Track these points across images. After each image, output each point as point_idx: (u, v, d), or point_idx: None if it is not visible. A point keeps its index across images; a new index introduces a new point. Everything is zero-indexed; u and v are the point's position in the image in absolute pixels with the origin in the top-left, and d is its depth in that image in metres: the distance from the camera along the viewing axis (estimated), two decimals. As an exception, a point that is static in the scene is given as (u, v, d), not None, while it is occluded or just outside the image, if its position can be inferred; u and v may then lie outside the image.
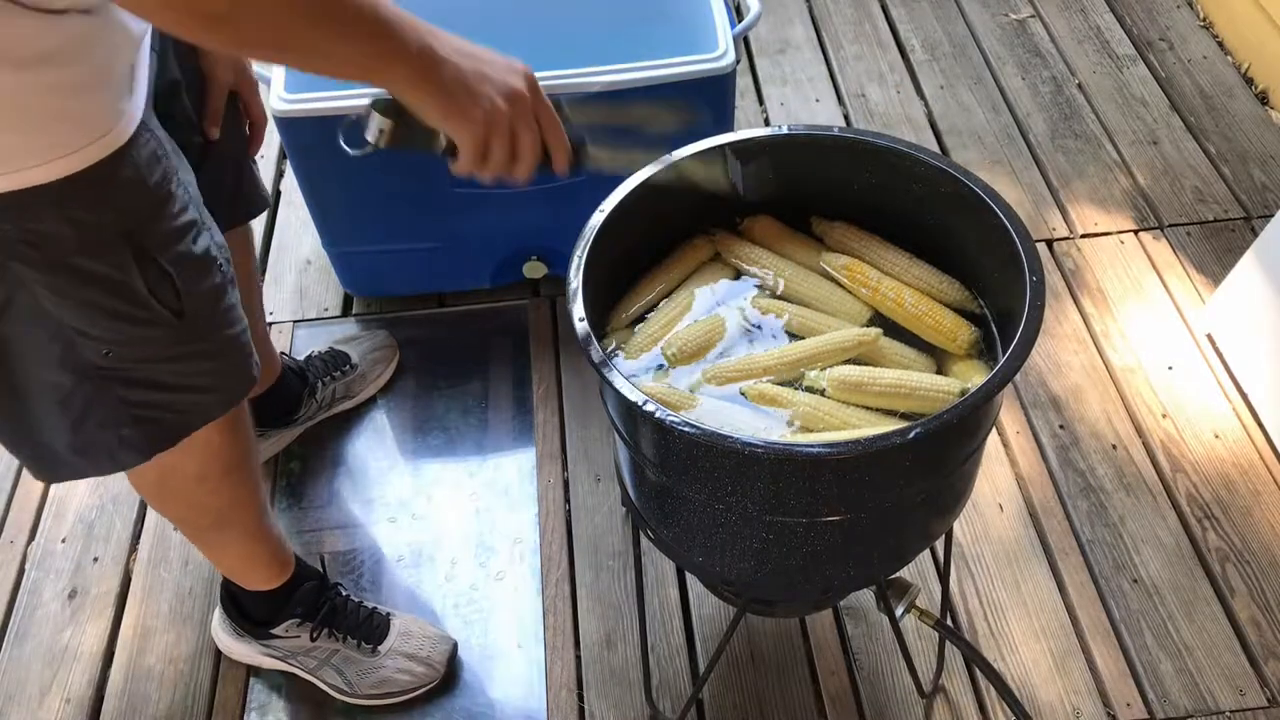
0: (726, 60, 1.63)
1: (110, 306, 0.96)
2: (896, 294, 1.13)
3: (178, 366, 1.05)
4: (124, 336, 0.99)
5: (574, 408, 1.84)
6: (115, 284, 0.95)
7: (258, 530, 1.37)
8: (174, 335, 1.02)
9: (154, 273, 0.97)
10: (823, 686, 1.50)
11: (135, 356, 1.02)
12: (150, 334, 1.01)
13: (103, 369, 1.01)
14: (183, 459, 1.16)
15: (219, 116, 1.25)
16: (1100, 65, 2.41)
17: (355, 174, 1.75)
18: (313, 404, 1.77)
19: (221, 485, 1.26)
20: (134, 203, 0.94)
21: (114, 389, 1.03)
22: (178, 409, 1.09)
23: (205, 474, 1.23)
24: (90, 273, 0.94)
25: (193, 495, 1.26)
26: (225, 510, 1.30)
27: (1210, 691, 1.48)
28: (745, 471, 0.94)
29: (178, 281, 0.99)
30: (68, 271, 0.93)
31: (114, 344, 0.99)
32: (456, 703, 1.51)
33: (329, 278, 2.05)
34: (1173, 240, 2.04)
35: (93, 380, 1.01)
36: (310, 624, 1.47)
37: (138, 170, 0.93)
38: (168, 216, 0.98)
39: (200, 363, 1.07)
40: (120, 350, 1.00)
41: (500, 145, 0.92)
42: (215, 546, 1.39)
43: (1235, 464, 1.71)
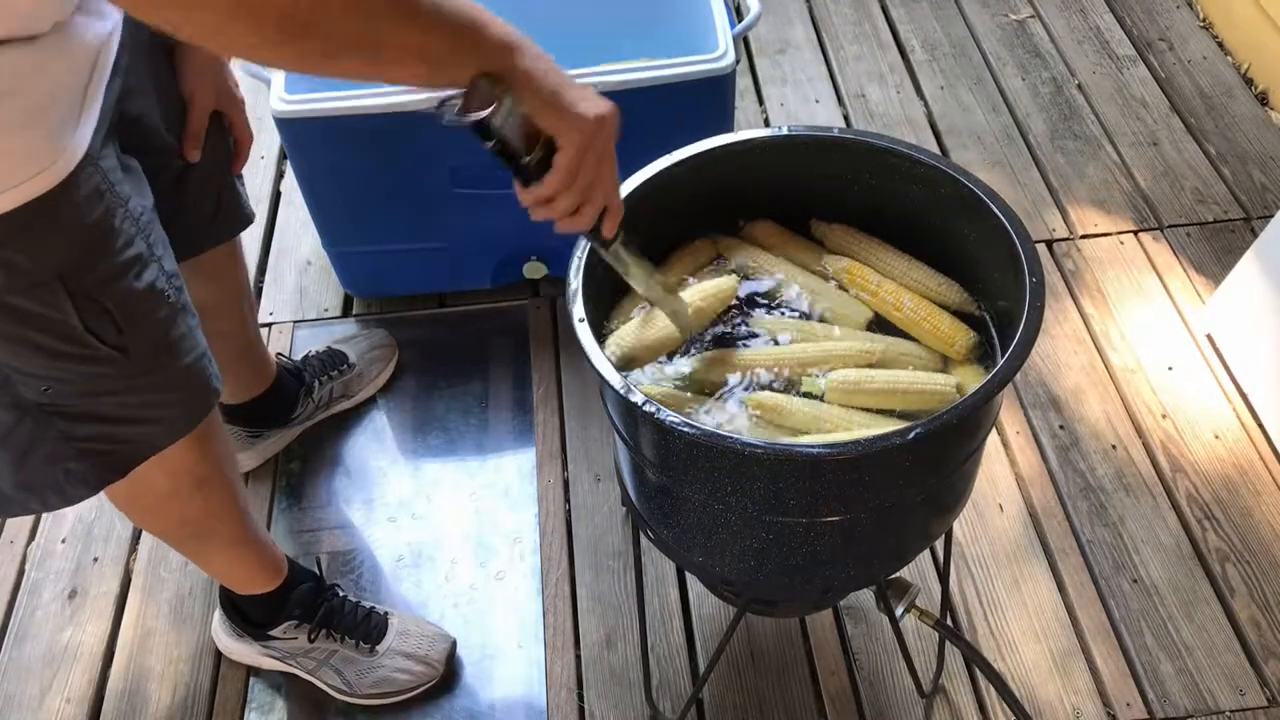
0: (726, 60, 1.63)
1: (46, 345, 0.93)
2: (896, 297, 1.13)
3: (123, 399, 1.02)
4: (63, 374, 0.96)
5: (574, 408, 1.84)
6: (50, 322, 0.92)
7: (240, 538, 1.35)
8: (118, 370, 0.98)
9: (92, 311, 0.93)
10: (823, 686, 1.50)
11: (76, 392, 0.98)
12: (92, 370, 0.97)
13: (42, 405, 0.97)
14: (151, 476, 1.13)
15: (200, 140, 1.21)
16: (1100, 66, 2.41)
17: (355, 174, 1.75)
18: (310, 404, 1.77)
19: (194, 498, 1.23)
20: (70, 242, 0.90)
21: (55, 424, 0.99)
22: (125, 439, 1.05)
23: (176, 489, 1.20)
24: (23, 311, 0.90)
25: (167, 510, 1.24)
26: (202, 522, 1.28)
27: (1210, 691, 1.48)
28: (745, 471, 0.94)
29: (118, 319, 0.95)
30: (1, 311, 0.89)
31: (52, 381, 0.96)
32: (456, 703, 1.51)
33: (329, 278, 2.05)
34: (1173, 241, 2.04)
35: (33, 416, 0.98)
36: (308, 625, 1.47)
37: (75, 209, 0.89)
38: (109, 254, 0.94)
39: (148, 394, 1.04)
40: (59, 387, 0.97)
41: (593, 164, 0.84)
42: (199, 556, 1.39)
43: (1235, 464, 1.71)
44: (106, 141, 0.95)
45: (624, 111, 1.64)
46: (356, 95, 1.63)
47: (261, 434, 1.74)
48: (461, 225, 1.84)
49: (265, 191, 2.23)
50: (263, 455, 1.76)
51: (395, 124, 1.64)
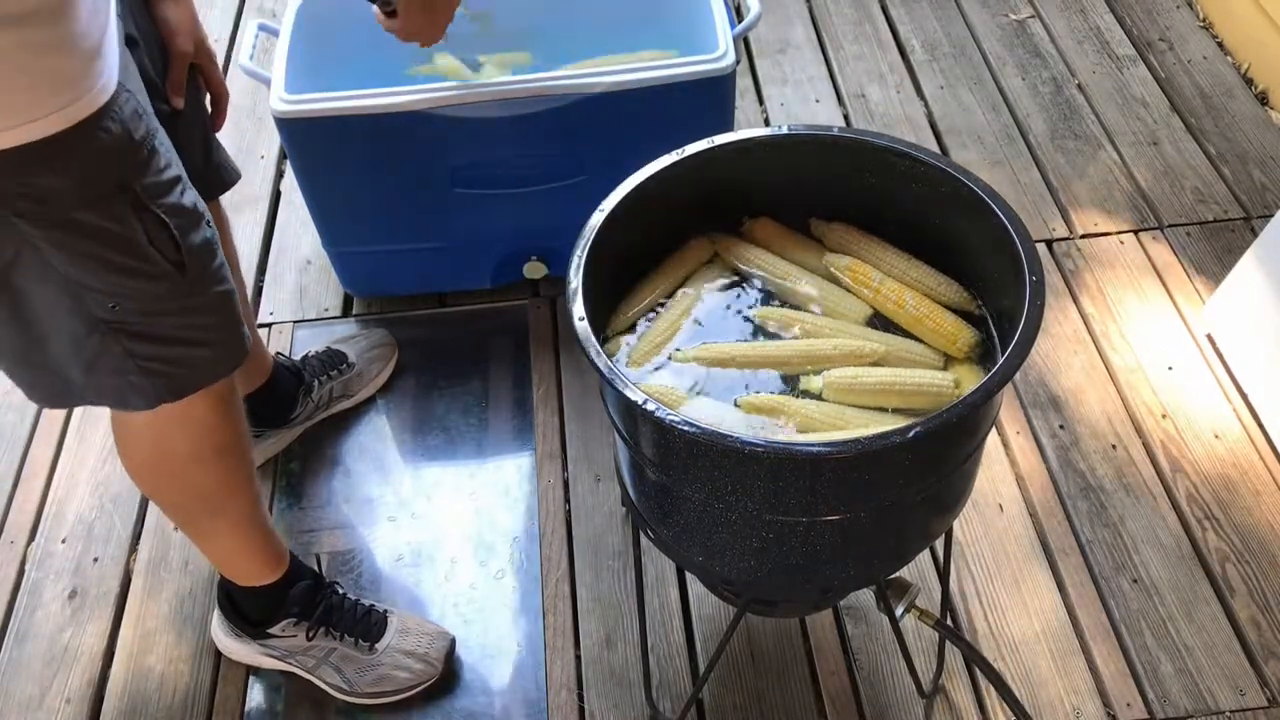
0: (726, 60, 1.63)
1: (113, 260, 0.99)
2: (898, 296, 1.13)
3: (180, 320, 1.08)
4: (128, 290, 1.02)
5: (574, 408, 1.84)
6: (116, 237, 0.98)
7: (251, 519, 1.37)
8: (175, 288, 1.05)
9: (152, 223, 1.00)
10: (823, 686, 1.50)
11: (139, 310, 1.04)
12: (152, 287, 1.03)
13: (109, 322, 1.03)
14: (176, 439, 1.20)
15: (182, 87, 1.26)
16: (1100, 65, 2.41)
17: (355, 174, 1.75)
18: (309, 403, 1.77)
19: (215, 466, 1.27)
20: (125, 155, 0.97)
21: (120, 341, 1.06)
22: (182, 363, 1.12)
23: (197, 453, 1.24)
24: (92, 227, 0.96)
25: (186, 475, 1.27)
26: (218, 494, 1.31)
27: (1210, 691, 1.48)
28: (745, 471, 0.94)
29: (175, 232, 1.02)
30: (70, 227, 0.95)
31: (118, 297, 1.02)
32: (456, 702, 1.51)
33: (329, 278, 2.05)
34: (1173, 240, 2.04)
35: (100, 332, 1.04)
36: (306, 623, 1.47)
37: (124, 125, 0.96)
38: (155, 169, 1.00)
39: (200, 316, 1.10)
40: (124, 304, 1.03)
41: None
42: (208, 535, 1.39)
43: (1235, 464, 1.71)
44: (130, 74, 1.01)
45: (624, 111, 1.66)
46: (356, 95, 1.63)
47: (261, 434, 1.74)
48: (461, 225, 1.84)
49: (265, 192, 2.23)
50: (263, 455, 1.76)
51: (395, 124, 1.64)
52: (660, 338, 1.13)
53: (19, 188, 0.92)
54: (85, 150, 0.93)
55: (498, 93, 1.61)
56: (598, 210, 1.06)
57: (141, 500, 1.75)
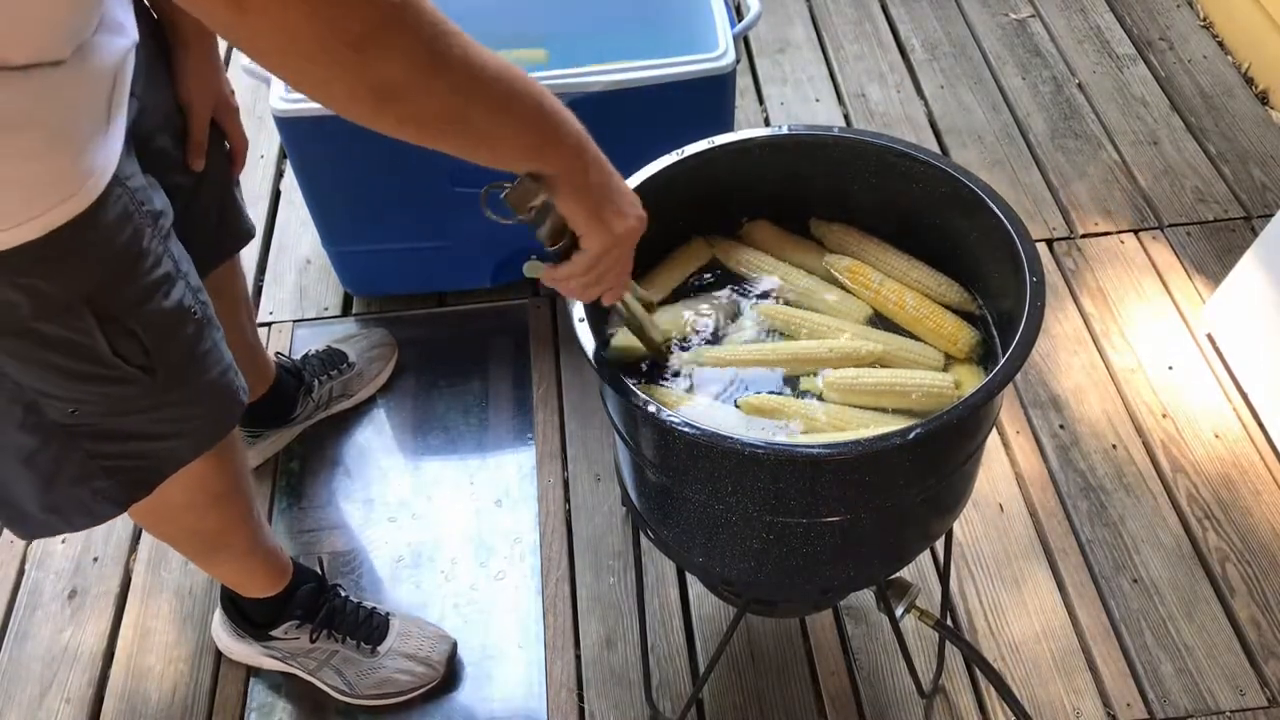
0: (726, 60, 1.63)
1: (73, 369, 0.92)
2: (898, 297, 1.13)
3: (151, 416, 1.02)
4: (89, 395, 0.95)
5: (574, 408, 1.84)
6: (77, 346, 0.91)
7: (251, 548, 1.36)
8: (145, 390, 0.98)
9: (118, 334, 0.92)
10: (823, 686, 1.50)
11: (102, 412, 0.98)
12: (118, 390, 0.97)
13: (68, 426, 0.97)
14: (169, 492, 1.12)
15: (203, 149, 1.21)
16: (1100, 65, 2.41)
17: (355, 173, 1.75)
18: (309, 403, 1.77)
19: (211, 512, 1.24)
20: (98, 267, 0.89)
21: (81, 444, 0.99)
22: (151, 455, 1.05)
23: (193, 503, 1.21)
24: (50, 336, 0.89)
25: (183, 523, 1.26)
26: (216, 534, 1.30)
27: (1210, 691, 1.48)
28: (745, 472, 0.94)
29: (145, 341, 0.95)
30: (24, 336, 0.88)
31: (78, 403, 0.95)
32: (456, 703, 1.51)
33: (329, 277, 2.05)
34: (1173, 240, 2.04)
35: (59, 439, 0.97)
36: (309, 625, 1.47)
37: (103, 233, 0.88)
38: (137, 276, 0.93)
39: (175, 410, 1.03)
40: (85, 408, 0.96)
41: (609, 264, 0.92)
42: (210, 565, 1.39)
43: (1235, 464, 1.71)
44: (130, 160, 0.93)
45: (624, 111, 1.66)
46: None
47: (261, 434, 1.74)
48: (461, 225, 1.84)
49: (265, 191, 2.23)
50: (263, 455, 1.76)
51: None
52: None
53: None
54: (51, 264, 0.84)
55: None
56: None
57: (141, 500, 1.75)
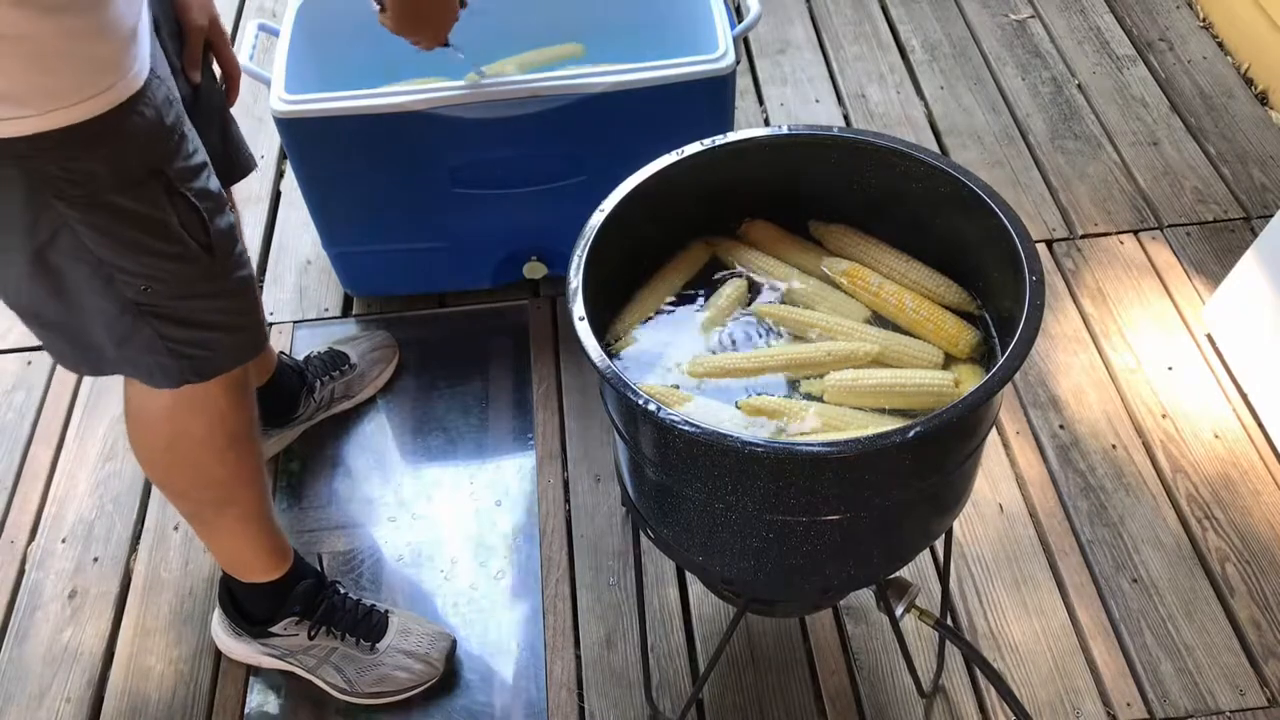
0: (726, 60, 1.63)
1: (146, 243, 1.03)
2: (898, 298, 1.13)
3: (207, 304, 1.12)
4: (159, 272, 1.05)
5: (574, 408, 1.84)
6: (150, 220, 1.02)
7: (258, 512, 1.37)
8: (204, 271, 1.08)
9: (184, 207, 1.03)
10: (823, 686, 1.50)
11: (169, 293, 1.07)
12: (183, 270, 1.07)
13: (140, 304, 1.07)
14: (192, 422, 1.22)
15: (198, 63, 1.27)
16: (1100, 65, 2.41)
17: (355, 174, 1.75)
18: (311, 403, 1.77)
19: (226, 454, 1.28)
20: (158, 140, 1.00)
21: (150, 324, 1.09)
22: (209, 346, 1.15)
23: (211, 437, 1.25)
24: (127, 210, 1.00)
25: (199, 462, 1.28)
26: (228, 483, 1.32)
27: (1210, 691, 1.48)
28: (745, 470, 0.94)
29: (204, 215, 1.05)
30: (106, 210, 0.98)
31: (150, 280, 1.05)
32: (456, 702, 1.51)
33: (329, 278, 2.05)
34: (1173, 241, 2.04)
35: (131, 314, 1.07)
36: (308, 622, 1.47)
37: (157, 110, 0.99)
38: (185, 154, 1.04)
39: (226, 300, 1.14)
40: (155, 286, 1.06)
41: None
42: (215, 528, 1.39)
43: (1235, 464, 1.71)
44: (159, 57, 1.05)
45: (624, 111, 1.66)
46: (356, 95, 1.63)
47: (263, 433, 1.73)
48: (461, 225, 1.84)
49: (265, 191, 2.23)
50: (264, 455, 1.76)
51: (395, 124, 1.64)
52: None
53: (59, 170, 0.94)
54: (122, 135, 0.96)
55: (498, 93, 1.61)
56: (598, 210, 1.06)
57: (141, 501, 1.75)
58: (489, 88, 1.62)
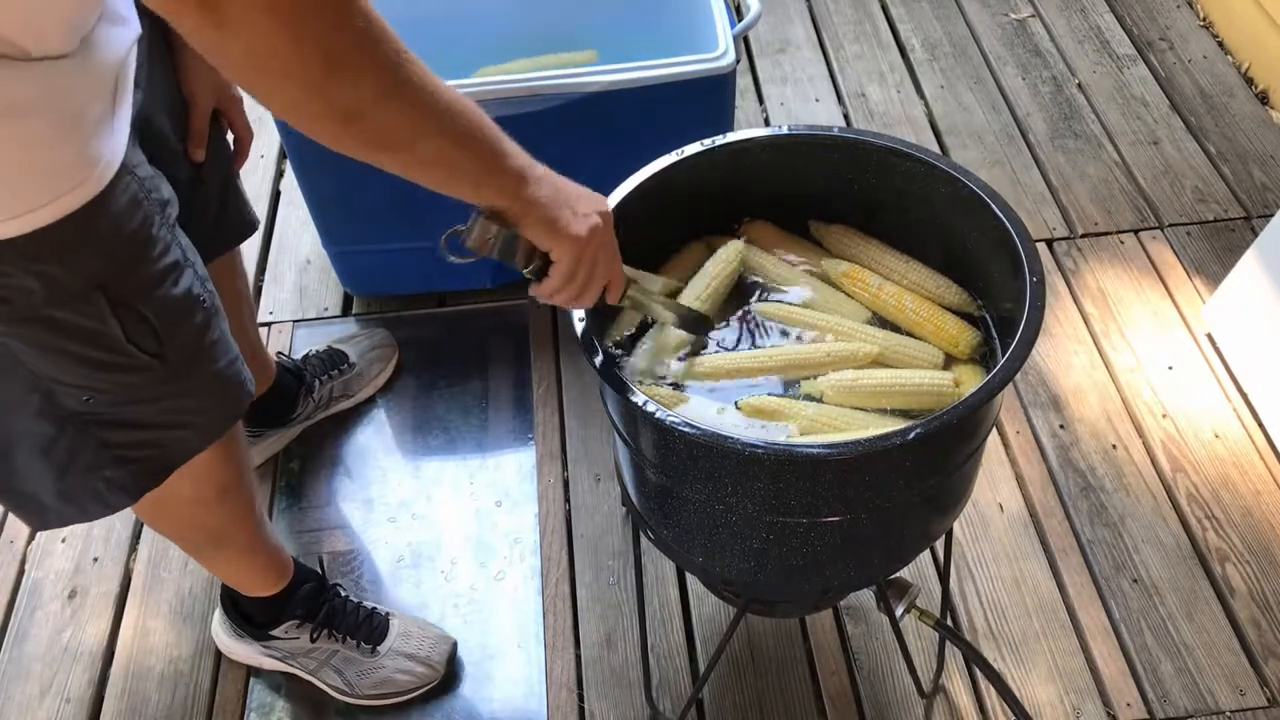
0: (726, 60, 1.62)
1: (88, 356, 0.94)
2: (897, 299, 1.13)
3: (162, 405, 1.03)
4: (104, 383, 0.97)
5: (574, 408, 1.84)
6: (91, 333, 0.92)
7: (254, 545, 1.36)
8: (156, 378, 1.00)
9: (131, 320, 0.94)
10: (823, 686, 1.50)
11: (115, 401, 0.99)
12: (131, 379, 0.98)
13: (83, 415, 0.98)
14: (177, 484, 1.13)
15: (203, 139, 1.22)
16: (1100, 65, 2.41)
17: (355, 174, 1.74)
18: (310, 403, 1.77)
19: (216, 506, 1.25)
20: (109, 253, 0.91)
21: (95, 433, 1.01)
22: (162, 444, 1.07)
23: (200, 496, 1.22)
24: (64, 323, 0.90)
25: (188, 517, 1.26)
26: (221, 529, 1.30)
27: (1210, 691, 1.48)
28: (746, 472, 0.94)
29: (157, 327, 0.96)
30: (40, 323, 0.90)
31: (93, 391, 0.97)
32: (456, 703, 1.51)
33: (329, 278, 2.05)
34: (1173, 240, 2.04)
35: (73, 427, 0.99)
36: (310, 625, 1.47)
37: (113, 219, 0.89)
38: (147, 262, 0.95)
39: (185, 400, 1.05)
40: (99, 396, 0.98)
41: (588, 267, 0.95)
42: (212, 562, 1.39)
43: (1235, 464, 1.71)
44: (136, 150, 0.95)
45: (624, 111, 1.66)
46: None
47: (262, 434, 1.74)
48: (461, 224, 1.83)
49: (265, 191, 2.23)
50: (263, 455, 1.76)
51: (395, 124, 1.63)
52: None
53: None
54: (63, 251, 0.86)
55: (497, 92, 1.61)
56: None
57: (141, 500, 1.75)
58: (489, 87, 1.62)
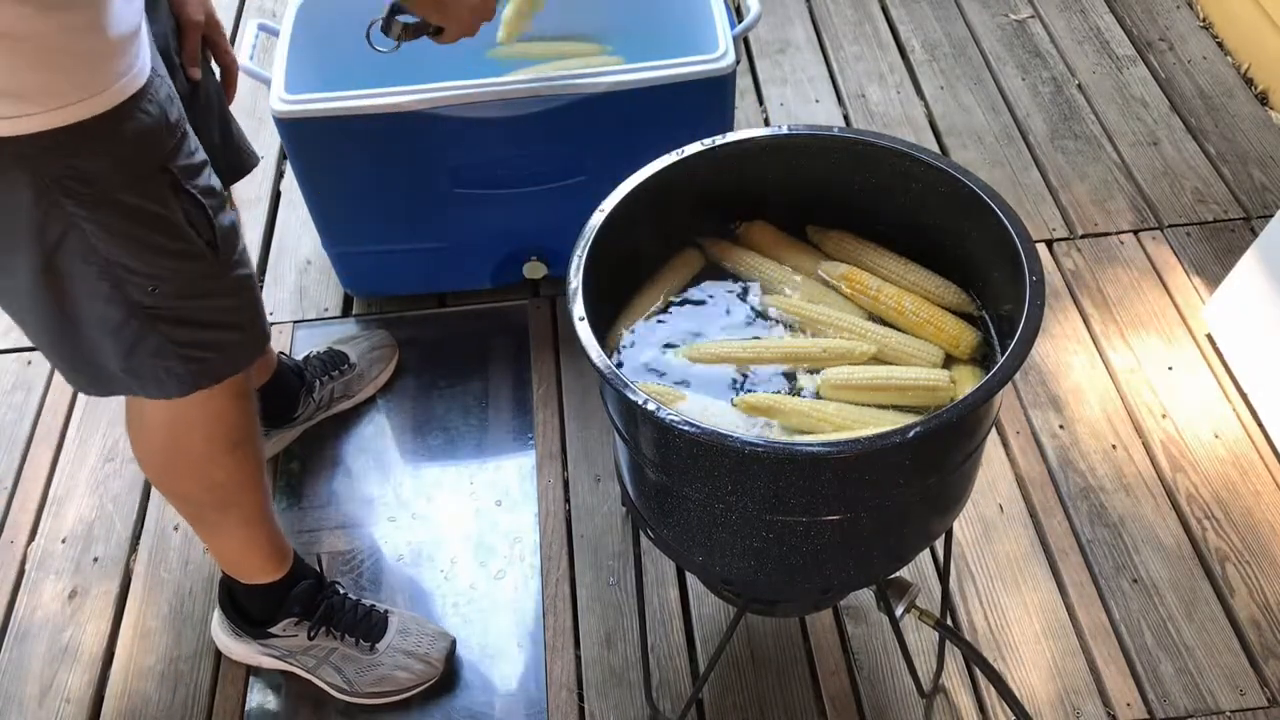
0: (726, 60, 1.63)
1: (154, 241, 1.03)
2: (897, 301, 1.13)
3: (213, 303, 1.12)
4: (167, 271, 1.05)
5: (574, 408, 1.84)
6: (157, 218, 1.02)
7: (259, 514, 1.37)
8: (209, 268, 1.08)
9: (190, 204, 1.04)
10: (823, 686, 1.50)
11: (177, 293, 1.07)
12: (190, 268, 1.07)
13: (148, 308, 1.06)
14: (194, 429, 1.22)
15: (197, 58, 1.27)
16: (1100, 65, 2.41)
17: (355, 174, 1.75)
18: (311, 403, 1.77)
19: (228, 459, 1.28)
20: (162, 137, 1.01)
21: (158, 327, 1.08)
22: (216, 348, 1.15)
23: (213, 445, 1.25)
24: (135, 208, 1.00)
25: (201, 468, 1.28)
26: (229, 487, 1.31)
27: (1210, 691, 1.48)
28: (745, 471, 0.94)
29: (209, 212, 1.06)
30: (114, 208, 0.99)
31: (157, 280, 1.05)
32: (456, 702, 1.51)
33: (329, 278, 2.05)
34: (1173, 241, 2.04)
35: (138, 318, 1.07)
36: (308, 622, 1.47)
37: (160, 108, 1.00)
38: (187, 152, 1.04)
39: (230, 299, 1.14)
40: (163, 286, 1.06)
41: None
42: (216, 530, 1.39)
43: (1235, 464, 1.71)
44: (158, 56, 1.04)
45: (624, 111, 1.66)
46: (356, 95, 1.63)
47: (263, 433, 1.73)
48: (461, 225, 1.84)
49: (265, 192, 2.23)
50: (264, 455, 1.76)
51: (395, 124, 1.64)
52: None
53: (66, 169, 0.94)
54: (127, 132, 0.96)
55: (498, 93, 1.61)
56: (598, 210, 1.07)
57: (141, 500, 1.75)
58: (489, 88, 1.62)
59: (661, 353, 1.12)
